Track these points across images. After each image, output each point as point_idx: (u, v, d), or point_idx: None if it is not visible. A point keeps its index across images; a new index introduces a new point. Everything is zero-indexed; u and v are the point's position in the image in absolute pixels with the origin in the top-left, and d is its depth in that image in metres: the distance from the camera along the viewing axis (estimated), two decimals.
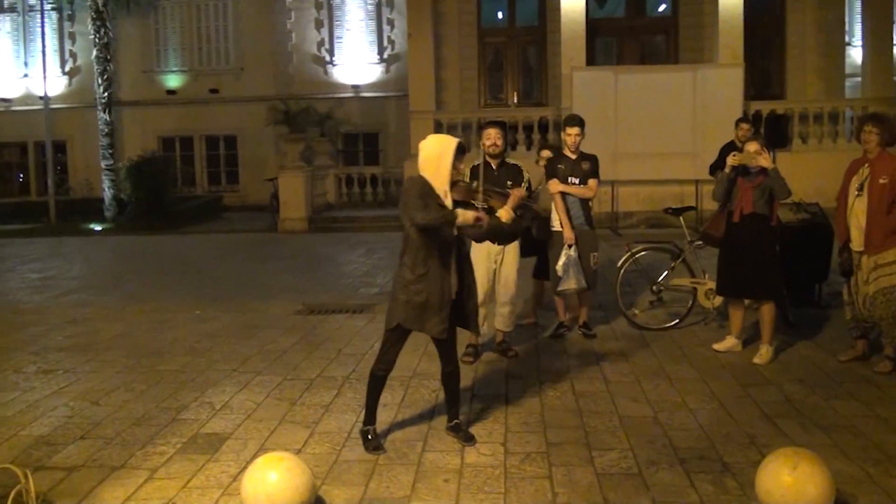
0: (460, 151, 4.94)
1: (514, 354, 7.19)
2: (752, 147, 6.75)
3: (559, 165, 7.60)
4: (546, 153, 8.19)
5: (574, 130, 7.51)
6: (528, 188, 7.03)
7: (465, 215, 4.84)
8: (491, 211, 5.06)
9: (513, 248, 7.15)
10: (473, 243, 6.53)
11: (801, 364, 6.81)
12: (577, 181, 7.54)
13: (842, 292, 6.99)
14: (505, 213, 5.05)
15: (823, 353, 7.08)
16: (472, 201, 5.02)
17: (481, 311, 7.17)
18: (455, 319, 5.09)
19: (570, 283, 7.50)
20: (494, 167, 6.98)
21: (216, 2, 25.22)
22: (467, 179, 6.44)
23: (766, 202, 6.78)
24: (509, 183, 6.78)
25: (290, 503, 4.05)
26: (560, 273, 7.50)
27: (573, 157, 7.59)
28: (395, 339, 5.11)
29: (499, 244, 6.93)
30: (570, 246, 7.47)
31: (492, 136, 6.94)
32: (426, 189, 4.89)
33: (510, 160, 7.22)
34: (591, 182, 7.58)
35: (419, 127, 17.66)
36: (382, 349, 5.16)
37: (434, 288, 4.92)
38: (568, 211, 7.54)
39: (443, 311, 4.95)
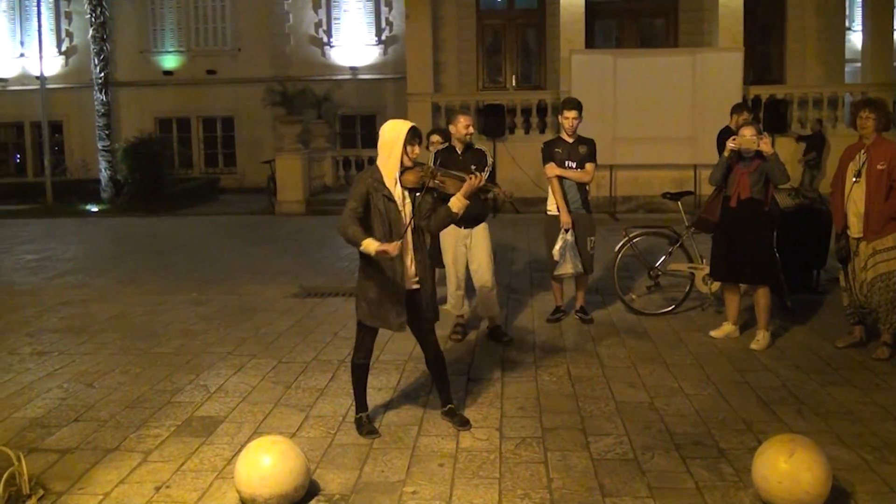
0: (413, 135, 4.87)
1: (509, 339, 7.17)
2: (747, 132, 6.72)
3: (556, 149, 7.56)
4: (436, 138, 8.11)
5: (572, 114, 7.47)
6: (492, 173, 6.99)
7: (369, 246, 4.64)
8: (444, 198, 4.95)
9: (482, 231, 7.16)
10: None
11: (798, 350, 6.80)
12: (574, 165, 7.50)
13: (838, 278, 6.96)
14: (457, 203, 4.91)
15: (820, 339, 7.07)
16: (426, 185, 4.85)
17: (458, 293, 7.21)
18: (411, 310, 4.98)
19: (567, 268, 7.49)
20: (460, 152, 7.05)
21: None
22: (431, 163, 6.49)
23: (762, 187, 6.75)
24: (473, 167, 6.81)
25: (284, 487, 4.04)
26: (557, 257, 7.48)
27: (570, 140, 7.56)
28: (365, 330, 5.11)
29: (464, 227, 7.01)
30: (566, 230, 7.45)
31: (463, 124, 7.02)
32: (373, 186, 4.80)
33: (476, 146, 7.27)
34: (589, 166, 7.54)
35: (417, 109, 17.58)
36: (357, 339, 5.15)
37: (384, 280, 4.86)
38: (565, 195, 7.52)
39: (398, 305, 4.89)
